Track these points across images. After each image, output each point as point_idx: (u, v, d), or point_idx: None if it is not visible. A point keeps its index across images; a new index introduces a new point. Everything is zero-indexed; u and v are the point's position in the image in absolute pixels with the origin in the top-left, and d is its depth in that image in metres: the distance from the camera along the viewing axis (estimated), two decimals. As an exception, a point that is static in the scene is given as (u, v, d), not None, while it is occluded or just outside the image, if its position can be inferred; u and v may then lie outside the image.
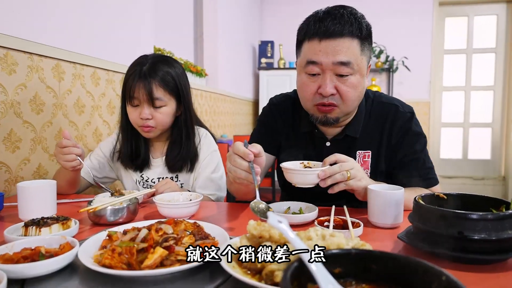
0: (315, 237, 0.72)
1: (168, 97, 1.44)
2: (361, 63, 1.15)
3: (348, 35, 1.11)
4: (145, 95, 1.39)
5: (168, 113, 1.46)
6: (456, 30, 5.43)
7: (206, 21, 3.96)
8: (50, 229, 0.88)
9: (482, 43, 5.33)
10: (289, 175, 1.06)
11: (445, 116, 5.52)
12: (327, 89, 1.14)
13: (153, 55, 1.49)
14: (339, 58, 1.11)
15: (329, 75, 1.14)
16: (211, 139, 1.61)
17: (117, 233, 0.81)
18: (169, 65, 1.47)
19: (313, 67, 1.15)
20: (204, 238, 0.83)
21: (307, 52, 1.16)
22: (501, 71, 5.24)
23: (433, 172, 1.29)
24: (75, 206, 1.29)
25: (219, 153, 1.62)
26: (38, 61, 1.55)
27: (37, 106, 1.55)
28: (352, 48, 1.12)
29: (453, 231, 0.72)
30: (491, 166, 5.35)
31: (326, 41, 1.12)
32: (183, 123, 1.51)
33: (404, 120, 1.27)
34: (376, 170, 1.29)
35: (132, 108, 1.44)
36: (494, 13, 5.24)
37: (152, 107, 1.42)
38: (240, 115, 4.95)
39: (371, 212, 1.02)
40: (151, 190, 1.24)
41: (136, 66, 1.43)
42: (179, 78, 1.47)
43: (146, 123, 1.42)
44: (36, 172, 1.55)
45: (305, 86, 1.20)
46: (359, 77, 1.16)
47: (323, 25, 1.12)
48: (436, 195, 0.90)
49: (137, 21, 2.33)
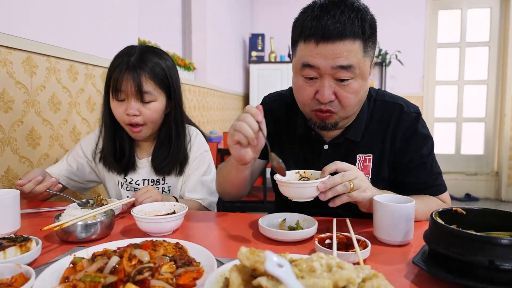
0: (319, 269, 0.60)
1: (158, 92, 1.32)
2: (364, 65, 1.02)
3: (350, 37, 0.97)
4: (133, 88, 1.26)
5: (158, 109, 1.33)
6: (449, 23, 5.34)
7: (194, 12, 3.79)
8: (5, 253, 0.74)
9: (476, 36, 5.25)
10: (285, 188, 0.93)
11: (438, 110, 5.45)
12: (325, 96, 1.01)
13: (141, 46, 1.36)
14: (339, 62, 0.98)
15: (328, 80, 1.01)
16: (202, 139, 1.49)
17: (82, 260, 0.68)
18: (159, 57, 1.34)
19: (310, 70, 1.02)
20: (187, 263, 0.71)
21: (303, 54, 1.03)
22: (494, 65, 5.18)
23: (441, 178, 1.18)
24: (44, 217, 1.15)
25: (210, 154, 1.50)
26: (6, 53, 1.40)
27: (5, 104, 1.40)
28: (354, 50, 0.98)
29: (483, 259, 0.61)
30: (484, 161, 5.31)
31: (324, 45, 0.98)
32: (173, 121, 1.39)
33: (410, 122, 1.15)
34: (378, 175, 1.17)
35: (117, 102, 1.30)
36: (488, 6, 5.16)
37: (140, 102, 1.29)
38: (230, 110, 4.81)
39: (378, 227, 0.91)
40: (130, 200, 1.11)
41: (123, 56, 1.29)
42: (170, 71, 1.35)
43: (133, 120, 1.29)
44: (4, 177, 1.40)
45: (301, 90, 1.07)
46: (360, 81, 1.03)
47: (320, 25, 0.97)
48: (454, 210, 0.78)
49: (120, 11, 2.17)
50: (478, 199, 5.16)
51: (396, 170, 1.17)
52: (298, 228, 0.97)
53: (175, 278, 0.65)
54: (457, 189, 5.21)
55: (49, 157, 1.63)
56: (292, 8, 5.44)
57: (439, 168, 1.19)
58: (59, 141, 1.69)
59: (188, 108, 3.34)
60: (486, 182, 5.23)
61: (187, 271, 0.68)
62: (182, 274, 0.66)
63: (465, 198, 5.13)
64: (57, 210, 1.21)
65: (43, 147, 1.59)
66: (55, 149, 1.67)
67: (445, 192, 1.18)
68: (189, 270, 0.68)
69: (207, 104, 3.89)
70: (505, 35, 5.01)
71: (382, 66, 5.18)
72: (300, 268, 0.62)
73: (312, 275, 0.58)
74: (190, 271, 0.68)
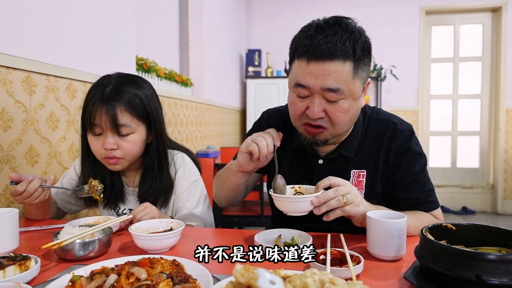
0: (312, 285, 0.62)
1: (136, 123, 1.26)
2: (354, 87, 1.04)
3: (339, 58, 1.00)
4: (108, 121, 1.20)
5: (137, 141, 1.28)
6: (442, 38, 5.45)
7: (191, 29, 3.85)
8: (4, 272, 0.75)
9: (469, 51, 5.35)
10: (279, 203, 0.97)
11: (433, 124, 5.51)
12: (314, 113, 1.05)
13: (117, 75, 1.31)
14: (327, 84, 1.01)
15: (318, 98, 1.05)
16: (190, 167, 1.44)
17: (81, 279, 0.69)
18: (137, 86, 1.29)
19: (302, 90, 1.06)
20: (184, 280, 0.72)
21: (296, 73, 1.07)
22: (487, 79, 5.27)
23: (434, 195, 1.20)
24: (42, 235, 1.16)
25: (201, 183, 1.46)
26: (6, 73, 1.43)
27: (4, 123, 1.42)
28: (343, 72, 1.01)
29: (469, 274, 0.63)
30: (479, 174, 5.35)
31: (314, 63, 1.01)
32: (155, 152, 1.34)
33: (403, 139, 1.18)
34: (371, 191, 1.20)
35: (94, 137, 1.25)
36: (480, 22, 5.27)
37: (117, 135, 1.24)
38: (227, 124, 4.84)
39: (371, 242, 0.93)
40: (128, 217, 1.12)
41: (97, 88, 1.25)
42: (148, 101, 1.29)
43: (111, 154, 1.24)
44: (2, 195, 1.42)
45: (294, 104, 1.11)
46: (351, 101, 1.06)
47: (312, 44, 1.01)
48: (444, 226, 0.81)
49: (118, 29, 2.21)
50: (474, 212, 5.18)
51: (390, 185, 1.20)
52: (293, 243, 0.99)
53: (172, 295, 0.67)
54: (454, 202, 5.23)
55: (47, 174, 1.64)
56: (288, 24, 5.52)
57: (431, 185, 1.22)
58: (57, 158, 1.71)
59: (186, 124, 3.37)
60: (482, 195, 5.25)
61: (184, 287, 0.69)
62: (179, 291, 0.68)
63: (462, 211, 5.15)
64: (55, 228, 1.23)
65: (41, 164, 1.61)
66: (53, 167, 1.68)
67: (437, 209, 1.20)
68: (185, 287, 0.70)
69: (204, 119, 3.92)
70: (498, 50, 5.12)
71: (377, 80, 5.25)
72: (294, 284, 0.64)
73: (305, 291, 0.60)
74: (187, 288, 0.70)
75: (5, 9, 1.41)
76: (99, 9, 2.01)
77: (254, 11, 5.79)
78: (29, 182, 1.16)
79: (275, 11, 5.69)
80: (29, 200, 1.17)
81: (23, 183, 1.15)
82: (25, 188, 1.15)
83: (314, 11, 5.35)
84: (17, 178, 1.15)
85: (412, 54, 5.34)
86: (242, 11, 5.51)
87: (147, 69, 2.76)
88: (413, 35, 5.33)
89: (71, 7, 1.77)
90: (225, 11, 4.66)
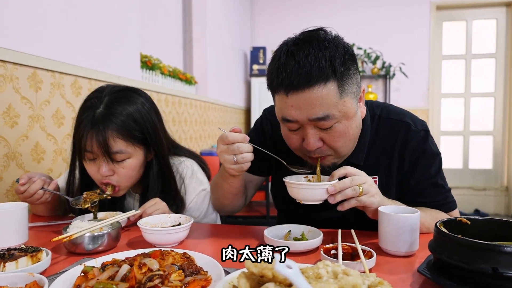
0: (325, 275, 0.64)
1: (132, 148, 1.19)
2: (344, 106, 0.98)
3: (319, 81, 0.93)
4: (100, 149, 1.13)
5: (134, 166, 1.21)
6: (454, 35, 5.43)
7: (195, 26, 3.88)
8: (17, 263, 0.78)
9: (482, 48, 5.32)
10: (294, 190, 0.98)
11: (444, 124, 5.49)
12: (311, 145, 1.00)
13: (110, 90, 1.21)
14: (314, 114, 0.95)
15: (310, 129, 1.00)
16: (199, 176, 1.38)
17: (93, 269, 0.71)
18: (130, 103, 1.19)
19: (290, 124, 1.01)
20: (195, 272, 0.74)
21: (279, 108, 1.02)
22: (501, 77, 5.24)
23: (451, 196, 1.19)
24: (52, 230, 1.19)
25: (209, 191, 1.39)
26: (12, 69, 1.46)
27: (11, 119, 1.45)
28: (327, 96, 0.94)
29: (486, 267, 0.64)
30: (493, 176, 5.32)
31: (294, 95, 0.95)
32: (156, 175, 1.27)
33: (418, 141, 1.13)
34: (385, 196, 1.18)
35: (88, 161, 1.19)
36: (494, 17, 5.25)
37: (111, 163, 1.17)
38: (231, 124, 4.86)
39: (383, 238, 0.94)
40: (137, 212, 1.14)
41: (88, 110, 1.16)
42: (144, 120, 1.21)
43: (106, 180, 1.19)
44: (9, 191, 1.45)
45: (288, 139, 1.08)
46: (345, 121, 1.00)
47: (286, 74, 0.94)
48: (458, 220, 0.82)
49: (122, 26, 2.24)
50: (487, 215, 5.16)
51: (404, 191, 1.17)
52: (303, 239, 1.01)
53: (184, 286, 0.69)
54: (466, 204, 5.21)
55: (52, 171, 1.67)
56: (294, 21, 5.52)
57: (447, 185, 1.19)
58: (62, 155, 1.74)
59: (190, 123, 3.40)
60: (495, 198, 5.23)
61: (195, 279, 0.71)
62: (191, 282, 0.70)
63: (474, 214, 5.13)
64: (62, 223, 1.25)
65: (47, 161, 1.64)
66: (58, 164, 1.71)
67: (455, 209, 1.19)
68: (197, 279, 0.72)
69: (208, 118, 3.95)
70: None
71: (386, 78, 5.25)
72: (307, 275, 0.65)
73: (319, 281, 0.61)
74: (198, 279, 0.72)
75: (12, 7, 1.44)
76: (104, 6, 2.04)
77: (258, 8, 5.80)
78: (32, 183, 1.17)
79: (280, 7, 5.69)
80: (30, 200, 1.18)
81: (26, 183, 1.17)
82: (26, 188, 1.16)
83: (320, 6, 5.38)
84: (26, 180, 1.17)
85: (422, 51, 5.32)
86: (246, 8, 5.54)
87: (151, 66, 2.79)
88: (423, 31, 5.31)
89: (76, 4, 1.80)
90: (229, 8, 4.68)
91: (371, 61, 5.17)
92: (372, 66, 5.23)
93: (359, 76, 1.04)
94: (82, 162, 1.23)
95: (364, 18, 5.32)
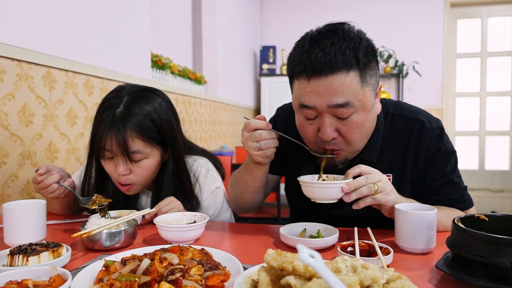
0: (344, 269, 0.66)
1: (150, 148, 1.24)
2: (364, 97, 1.00)
3: (342, 69, 0.96)
4: (119, 148, 1.18)
5: (151, 166, 1.26)
6: (469, 32, 5.41)
7: (204, 26, 3.93)
8: (39, 258, 0.81)
9: (498, 46, 5.29)
10: (309, 189, 1.00)
11: (459, 124, 5.46)
12: (326, 134, 1.02)
13: (129, 90, 1.26)
14: (334, 100, 0.97)
15: (328, 117, 1.01)
16: (212, 174, 1.42)
17: (115, 263, 0.74)
18: (149, 103, 1.24)
19: (308, 111, 1.03)
20: (214, 268, 0.77)
21: (298, 93, 1.03)
22: (518, 76, 5.20)
23: (467, 194, 1.20)
24: (67, 228, 1.22)
25: (222, 190, 1.45)
26: (27, 69, 1.50)
27: (26, 118, 1.50)
28: (349, 83, 0.97)
29: (504, 261, 0.66)
30: (510, 177, 5.28)
31: (316, 80, 0.97)
32: (172, 175, 1.32)
33: (432, 139, 1.14)
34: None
35: (107, 160, 1.24)
36: (510, 14, 5.22)
37: (129, 162, 1.22)
38: (241, 124, 4.90)
39: (400, 235, 0.96)
40: (153, 210, 1.18)
41: (108, 109, 1.21)
42: (161, 119, 1.25)
43: (123, 179, 1.24)
44: (24, 190, 1.49)
45: (303, 129, 1.09)
46: (363, 113, 1.02)
47: (310, 59, 0.97)
48: (476, 217, 0.83)
49: (133, 26, 2.29)
50: (505, 217, 5.11)
51: (419, 189, 1.18)
52: (319, 237, 1.03)
53: (204, 280, 0.71)
54: (482, 206, 5.16)
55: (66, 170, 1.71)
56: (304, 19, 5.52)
57: (463, 182, 1.20)
58: (75, 154, 1.78)
59: (199, 122, 3.44)
60: (513, 199, 5.19)
61: (215, 274, 0.74)
62: (210, 276, 0.73)
63: (491, 216, 5.08)
64: (79, 221, 1.29)
65: (60, 160, 1.68)
66: (71, 163, 1.76)
67: (472, 207, 1.20)
68: (216, 273, 0.74)
69: (218, 119, 3.98)
70: (528, 45, 5.05)
71: (399, 77, 5.24)
72: (326, 269, 0.67)
73: (338, 274, 0.64)
74: (218, 274, 0.74)
75: (28, 8, 1.49)
76: (116, 7, 2.08)
77: (268, 6, 5.83)
78: (50, 175, 1.21)
79: (289, 5, 5.71)
80: (44, 192, 1.21)
81: (44, 174, 1.20)
82: (43, 179, 1.20)
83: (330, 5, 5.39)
84: (44, 171, 1.20)
85: (436, 49, 5.30)
86: (256, 7, 5.57)
87: (161, 65, 2.83)
88: (437, 29, 5.29)
89: (89, 5, 1.85)
90: (239, 7, 4.72)
91: (383, 60, 5.17)
92: (384, 65, 5.23)
93: (378, 71, 1.08)
94: (99, 161, 1.27)
95: (376, 16, 5.33)
